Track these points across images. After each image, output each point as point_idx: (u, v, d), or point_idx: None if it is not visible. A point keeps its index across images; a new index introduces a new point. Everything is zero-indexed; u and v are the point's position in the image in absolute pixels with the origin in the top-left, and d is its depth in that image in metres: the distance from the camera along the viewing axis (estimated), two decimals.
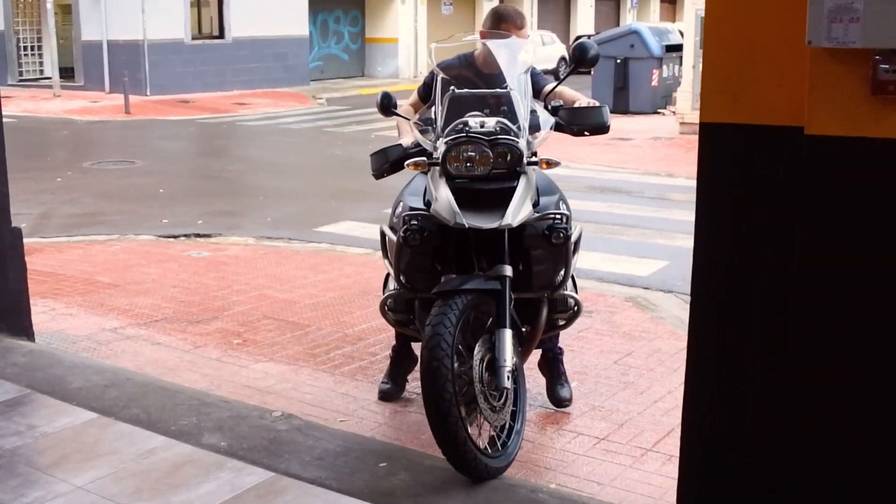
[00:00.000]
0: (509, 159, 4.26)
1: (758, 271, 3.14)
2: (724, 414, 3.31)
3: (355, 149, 17.15)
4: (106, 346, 6.16)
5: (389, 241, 4.70)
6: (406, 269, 4.49)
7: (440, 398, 3.87)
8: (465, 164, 4.24)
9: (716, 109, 3.18)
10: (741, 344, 3.21)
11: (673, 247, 9.56)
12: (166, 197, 12.27)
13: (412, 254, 4.36)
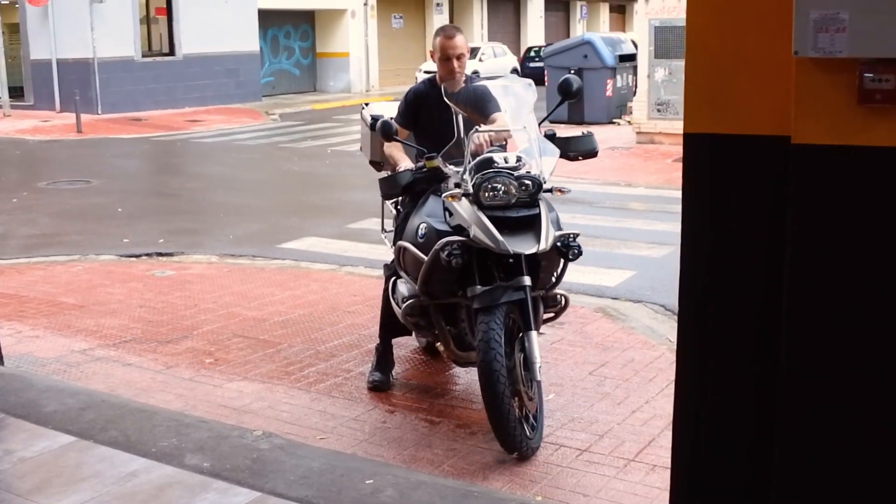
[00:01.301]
0: (531, 189, 4.96)
1: (746, 282, 3.15)
2: (715, 426, 3.31)
3: (312, 164, 17.11)
4: (76, 369, 6.08)
5: (411, 256, 5.24)
6: (435, 281, 5.12)
7: (498, 394, 4.63)
8: (496, 194, 4.91)
9: (699, 120, 3.18)
10: (730, 356, 3.22)
11: (638, 256, 9.61)
12: (125, 216, 12.14)
13: (446, 271, 4.93)
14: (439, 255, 4.87)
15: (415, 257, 5.19)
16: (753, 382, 3.18)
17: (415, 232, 5.27)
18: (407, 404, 5.57)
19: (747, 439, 3.23)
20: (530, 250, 4.83)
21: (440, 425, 5.27)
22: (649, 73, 18.58)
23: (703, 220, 3.24)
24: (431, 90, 5.81)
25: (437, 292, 5.20)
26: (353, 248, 10.02)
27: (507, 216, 4.88)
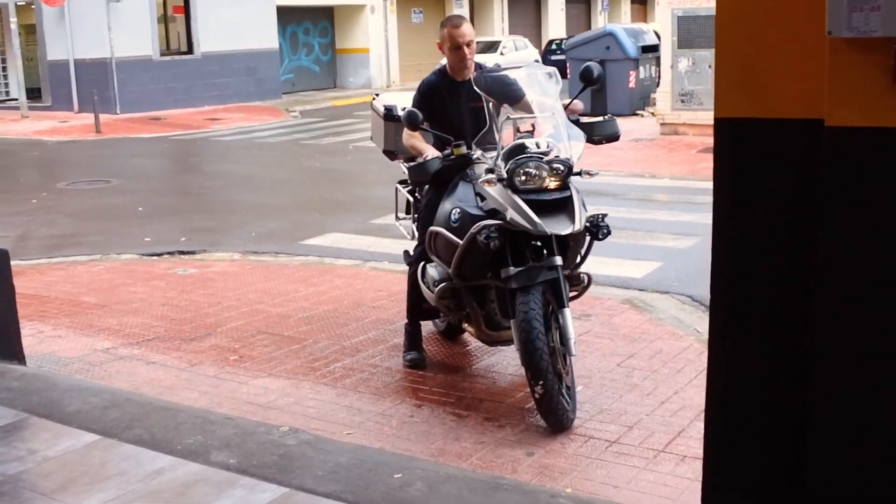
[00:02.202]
0: (563, 173, 5.18)
1: (780, 268, 3.07)
2: (745, 416, 3.24)
3: (334, 160, 17.07)
4: (99, 368, 6.04)
5: (444, 240, 5.45)
6: (468, 264, 5.32)
7: (543, 370, 4.87)
8: (530, 179, 5.12)
9: (731, 104, 3.11)
10: (764, 343, 3.14)
11: (665, 248, 9.52)
12: (146, 215, 12.12)
13: (481, 254, 5.16)
14: (476, 237, 5.08)
15: (448, 241, 5.39)
16: (784, 372, 3.11)
17: (447, 217, 5.46)
18: (434, 398, 5.51)
19: (778, 428, 3.17)
20: (566, 231, 5.07)
21: (468, 419, 5.21)
22: (672, 64, 18.40)
23: (734, 206, 3.17)
24: (443, 80, 5.96)
25: (469, 275, 5.41)
26: (376, 244, 9.95)
27: (541, 199, 5.09)
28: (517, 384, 5.77)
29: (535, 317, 4.95)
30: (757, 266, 3.13)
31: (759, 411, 3.19)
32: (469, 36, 5.80)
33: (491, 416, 5.24)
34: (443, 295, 5.59)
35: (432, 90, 5.96)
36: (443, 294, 5.58)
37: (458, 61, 5.83)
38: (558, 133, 5.39)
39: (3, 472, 4.12)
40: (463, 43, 5.76)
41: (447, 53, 5.87)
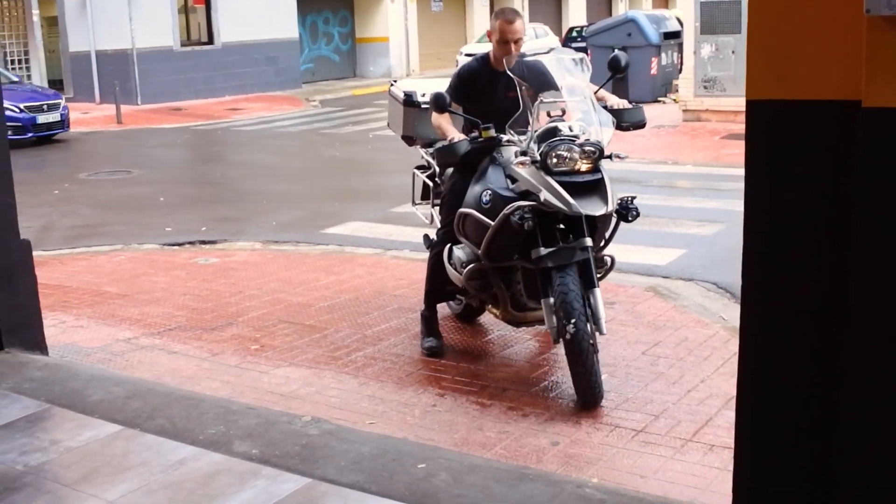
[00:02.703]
0: (594, 155, 5.30)
1: (813, 255, 3.00)
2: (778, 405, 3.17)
3: (354, 149, 17.02)
4: (121, 358, 6.02)
5: (474, 221, 5.56)
6: (498, 245, 5.44)
7: (584, 349, 5.01)
8: (562, 161, 5.23)
9: (763, 85, 3.02)
10: (795, 328, 3.07)
11: (688, 235, 9.44)
12: (167, 205, 12.11)
13: (513, 234, 5.25)
14: (509, 218, 5.17)
15: (478, 223, 5.51)
16: (816, 357, 3.04)
17: (478, 199, 5.55)
18: (457, 387, 5.46)
19: (809, 415, 3.09)
20: (599, 212, 5.21)
21: (491, 408, 5.16)
22: (695, 50, 18.24)
23: (766, 191, 3.09)
24: (484, 68, 6.05)
25: (498, 256, 5.52)
26: (397, 232, 9.90)
27: (574, 181, 5.20)
28: (540, 372, 5.72)
29: (575, 297, 5.08)
30: (788, 251, 3.06)
31: (790, 397, 3.12)
32: (519, 33, 5.86)
33: (515, 405, 5.19)
34: (471, 276, 5.71)
35: (473, 76, 6.04)
36: (471, 275, 5.71)
37: (504, 55, 5.88)
38: (589, 117, 5.48)
39: (26, 462, 4.08)
40: (512, 39, 5.83)
41: (494, 44, 5.92)
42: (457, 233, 5.83)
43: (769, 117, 3.02)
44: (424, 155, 6.93)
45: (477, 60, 6.12)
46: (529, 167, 5.30)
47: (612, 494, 3.73)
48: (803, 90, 2.93)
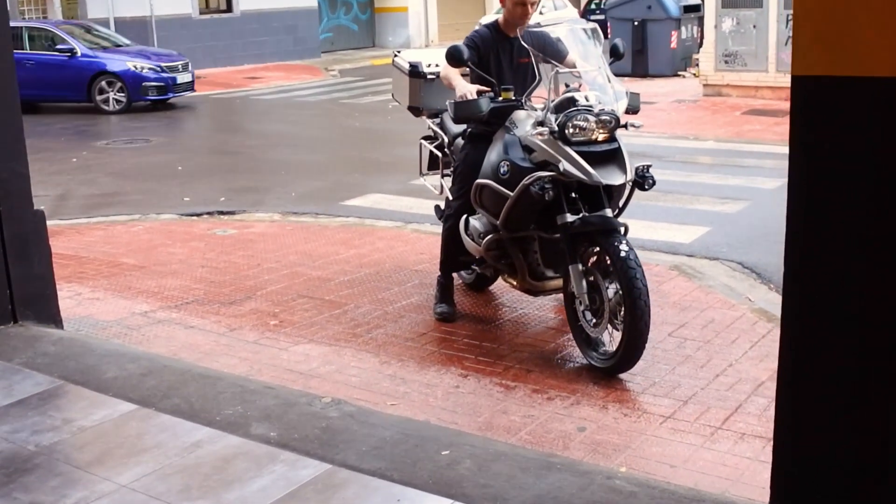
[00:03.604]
0: (611, 125, 5.33)
1: (861, 241, 2.85)
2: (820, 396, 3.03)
3: (373, 120, 16.85)
4: (137, 332, 5.90)
5: (492, 192, 5.60)
6: (517, 215, 5.50)
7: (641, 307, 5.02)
8: (581, 131, 5.25)
9: (811, 61, 2.87)
10: (840, 314, 2.93)
11: (712, 212, 9.27)
12: (185, 174, 11.98)
13: (533, 204, 5.29)
14: (529, 189, 5.24)
15: (496, 193, 5.55)
16: (863, 347, 2.89)
17: (495, 170, 5.58)
18: (480, 368, 5.33)
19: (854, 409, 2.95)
20: (619, 181, 5.29)
21: (516, 390, 5.03)
22: (716, 24, 18.01)
23: (812, 170, 2.94)
24: (495, 34, 6.03)
25: (516, 226, 5.60)
26: (417, 205, 9.75)
27: (592, 150, 5.25)
28: (565, 353, 5.60)
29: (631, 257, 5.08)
30: (835, 232, 2.91)
31: (833, 387, 2.98)
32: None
33: (539, 388, 5.06)
34: (489, 246, 5.78)
35: (485, 41, 6.00)
36: (489, 245, 5.77)
37: (519, 17, 5.88)
38: (604, 87, 5.51)
39: (38, 442, 3.97)
40: (529, 1, 5.81)
41: (509, 6, 5.90)
42: (474, 203, 5.88)
43: (816, 94, 2.88)
44: (431, 125, 6.92)
45: (487, 27, 6.09)
46: (547, 137, 5.31)
47: (642, 486, 3.60)
48: (853, 66, 2.78)
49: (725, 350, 5.65)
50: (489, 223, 5.82)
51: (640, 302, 5.02)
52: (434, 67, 6.88)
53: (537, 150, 5.39)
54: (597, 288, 5.33)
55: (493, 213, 5.70)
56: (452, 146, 6.56)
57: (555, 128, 5.26)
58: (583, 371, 5.32)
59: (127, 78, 18.73)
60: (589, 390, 5.05)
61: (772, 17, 17.36)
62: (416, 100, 6.97)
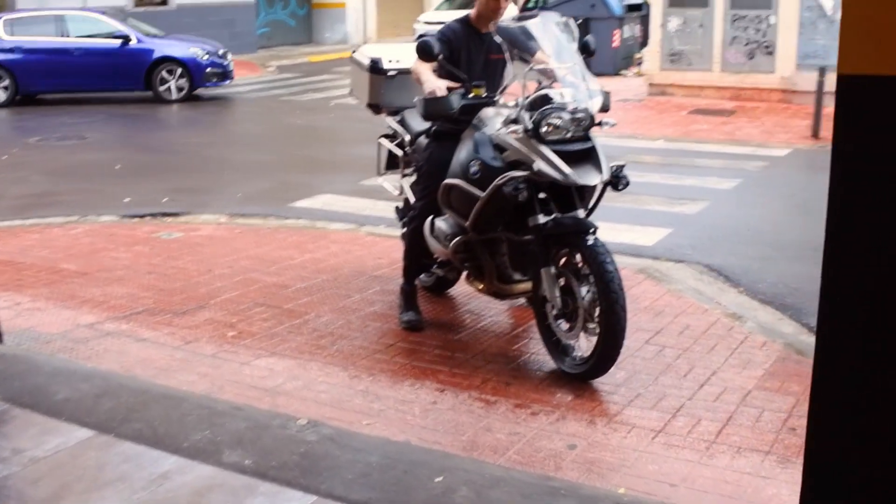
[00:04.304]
0: (586, 123, 5.15)
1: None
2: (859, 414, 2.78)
3: (316, 117, 16.47)
4: (85, 346, 5.49)
5: (461, 193, 5.38)
6: (487, 216, 5.31)
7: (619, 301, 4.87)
8: (556, 129, 5.06)
9: (858, 59, 2.62)
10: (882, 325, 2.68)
11: (673, 213, 9.08)
12: (124, 173, 11.49)
13: (504, 205, 5.11)
14: (501, 189, 5.05)
15: (466, 194, 5.34)
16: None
17: (465, 170, 5.36)
18: (456, 381, 5.04)
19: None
20: (595, 181, 5.10)
21: (497, 405, 4.74)
22: (662, 23, 17.92)
23: (856, 172, 2.69)
24: (467, 29, 5.80)
25: (486, 227, 5.40)
26: (370, 206, 9.45)
27: (567, 150, 5.06)
28: (541, 362, 5.35)
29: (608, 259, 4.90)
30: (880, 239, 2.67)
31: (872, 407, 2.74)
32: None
33: (521, 402, 4.78)
34: (457, 248, 5.58)
35: (457, 36, 5.76)
36: (457, 247, 5.58)
37: (493, 11, 5.70)
38: (578, 84, 5.30)
39: None
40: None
41: (482, 2, 5.69)
42: (442, 204, 5.67)
43: (862, 93, 2.63)
44: (392, 124, 6.67)
45: (458, 21, 5.85)
46: (521, 136, 5.12)
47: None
48: None
49: (706, 358, 5.44)
50: (456, 224, 5.60)
51: (617, 306, 4.85)
52: (396, 63, 6.62)
53: (510, 149, 5.20)
54: (570, 291, 5.13)
55: (461, 214, 5.48)
56: (414, 145, 6.28)
57: (529, 126, 5.08)
58: (562, 381, 5.07)
59: (190, 65, 18.30)
60: (573, 404, 4.79)
61: (717, 17, 17.30)
62: (376, 97, 6.72)
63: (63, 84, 18.26)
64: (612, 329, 4.87)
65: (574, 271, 5.16)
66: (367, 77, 6.68)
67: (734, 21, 17.24)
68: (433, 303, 6.39)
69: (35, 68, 17.63)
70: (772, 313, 6.37)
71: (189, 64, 18.29)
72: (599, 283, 4.89)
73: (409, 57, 6.73)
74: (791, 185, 10.83)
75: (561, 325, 5.21)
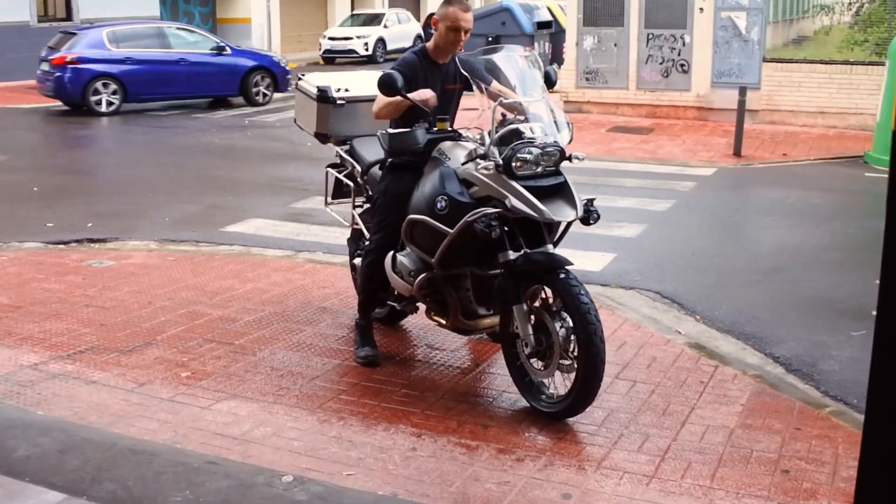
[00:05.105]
0: (557, 158, 5.03)
1: None
2: None
3: (232, 136, 16.11)
4: (31, 390, 5.10)
5: (426, 228, 5.20)
6: (455, 253, 5.12)
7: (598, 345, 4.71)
8: (526, 165, 4.91)
9: None
10: None
11: (612, 237, 9.00)
12: (43, 196, 10.97)
13: (474, 242, 4.92)
14: (472, 226, 4.87)
15: (432, 230, 5.16)
16: None
17: (430, 205, 5.19)
18: (431, 424, 4.82)
19: None
20: (570, 217, 5.00)
21: (479, 451, 4.53)
22: (578, 41, 18.01)
23: None
24: (423, 60, 5.64)
25: (453, 263, 5.24)
26: (305, 231, 9.18)
27: (539, 185, 4.93)
28: (513, 401, 5.16)
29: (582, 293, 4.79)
30: None
31: None
32: (471, 23, 5.53)
33: (504, 447, 4.58)
34: (422, 285, 5.39)
35: (412, 69, 5.58)
36: (422, 284, 5.38)
37: (451, 43, 5.54)
38: (548, 117, 5.20)
39: None
40: (463, 28, 5.48)
41: (443, 31, 5.54)
42: (405, 240, 5.48)
43: None
44: (341, 152, 6.45)
45: (414, 52, 5.71)
46: (492, 172, 4.95)
47: None
48: None
49: (680, 393, 5.32)
50: (420, 260, 5.42)
51: (596, 337, 4.71)
52: (343, 92, 6.42)
53: (479, 184, 5.04)
54: (542, 328, 4.96)
55: (426, 250, 5.30)
56: (366, 175, 6.06)
57: (499, 161, 4.91)
58: (539, 421, 4.89)
59: (276, 71, 20.62)
60: (556, 447, 4.61)
61: (633, 36, 17.41)
62: (323, 126, 6.50)
63: (168, 92, 19.61)
64: (591, 361, 4.72)
65: (545, 307, 5.00)
66: (314, 106, 6.48)
67: (649, 40, 17.37)
68: (388, 336, 6.16)
69: (142, 78, 18.91)
70: (734, 343, 6.30)
71: (275, 71, 20.63)
72: (575, 316, 4.75)
73: (357, 85, 6.57)
74: (724, 207, 10.86)
75: (534, 364, 5.03)
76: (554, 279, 4.88)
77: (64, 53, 18.52)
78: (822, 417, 5.08)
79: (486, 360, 5.80)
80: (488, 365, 5.73)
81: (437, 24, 5.55)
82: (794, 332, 6.52)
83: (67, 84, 18.35)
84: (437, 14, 5.58)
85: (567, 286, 4.81)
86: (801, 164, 13.41)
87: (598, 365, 4.74)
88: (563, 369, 4.92)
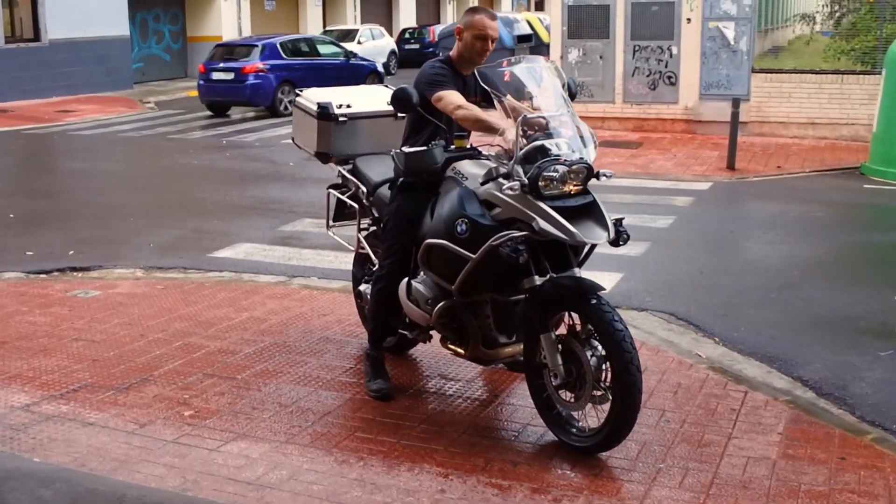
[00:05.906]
0: (584, 176, 4.70)
1: None
2: None
3: (211, 157, 15.74)
4: (25, 434, 4.74)
5: (445, 253, 4.89)
6: (478, 279, 4.84)
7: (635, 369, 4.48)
8: (553, 184, 4.58)
9: None
10: None
11: (617, 255, 8.60)
12: (19, 223, 10.55)
13: (499, 267, 4.67)
14: (497, 250, 4.60)
15: (452, 255, 4.85)
16: None
17: (449, 228, 4.87)
18: (457, 463, 4.51)
19: None
20: (601, 238, 4.67)
21: (511, 491, 4.23)
22: (562, 55, 17.77)
23: None
24: (448, 70, 5.32)
25: (474, 290, 4.95)
26: (296, 256, 8.86)
27: (567, 205, 4.61)
28: (539, 434, 4.86)
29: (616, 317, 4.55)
30: None
31: None
32: (497, 32, 5.32)
33: (538, 486, 4.28)
34: (441, 313, 5.07)
35: (449, 78, 5.28)
36: (441, 312, 5.06)
37: (478, 53, 5.29)
38: (573, 132, 4.88)
39: None
40: (491, 36, 5.27)
41: (469, 40, 5.27)
42: (421, 265, 5.15)
43: None
44: (344, 172, 6.10)
45: (440, 61, 5.38)
46: (518, 193, 4.61)
47: None
48: None
49: (712, 422, 5.06)
50: (437, 286, 5.10)
51: (633, 367, 4.45)
52: (345, 109, 6.11)
53: (503, 206, 4.72)
54: (572, 357, 4.66)
55: (445, 277, 4.98)
56: (373, 196, 5.76)
57: (525, 181, 4.59)
58: (571, 457, 4.61)
59: (380, 73, 24.99)
60: (593, 485, 4.32)
61: (618, 49, 17.21)
62: (325, 145, 6.17)
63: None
64: (628, 392, 4.45)
65: (573, 334, 4.72)
66: (314, 123, 6.15)
67: (636, 52, 17.16)
68: (397, 366, 5.84)
69: (303, 79, 20.72)
70: (758, 366, 6.05)
71: (380, 73, 24.99)
72: (610, 344, 4.48)
73: (359, 101, 6.27)
74: (726, 222, 10.63)
75: (563, 395, 4.74)
76: (585, 305, 4.60)
77: (254, 63, 21.49)
78: (865, 445, 4.82)
79: (504, 391, 5.51)
80: (507, 395, 5.44)
81: (461, 34, 5.27)
82: (817, 352, 6.28)
83: (261, 89, 21.43)
84: (461, 23, 5.29)
85: (600, 312, 4.53)
86: (796, 177, 13.21)
87: (635, 395, 4.48)
88: (595, 400, 4.63)
